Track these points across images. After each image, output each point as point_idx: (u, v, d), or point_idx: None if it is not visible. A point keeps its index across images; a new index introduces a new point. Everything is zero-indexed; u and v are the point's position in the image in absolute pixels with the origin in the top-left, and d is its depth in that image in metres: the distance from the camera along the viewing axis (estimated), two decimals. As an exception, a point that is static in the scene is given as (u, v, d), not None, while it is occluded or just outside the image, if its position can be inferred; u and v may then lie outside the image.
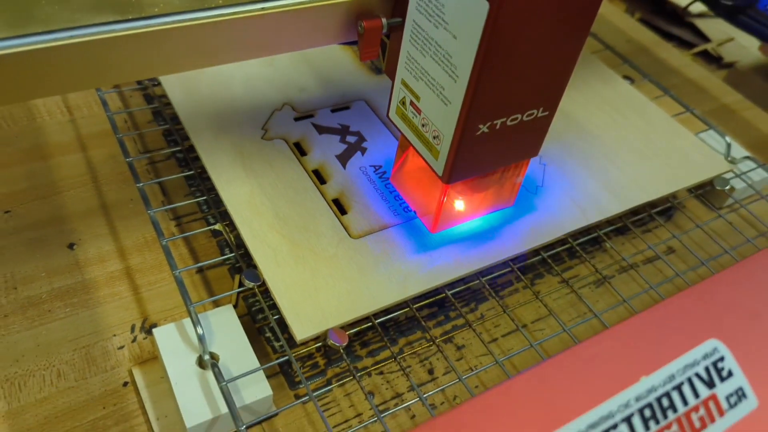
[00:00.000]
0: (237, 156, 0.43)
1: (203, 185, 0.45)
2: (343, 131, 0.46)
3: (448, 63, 0.31)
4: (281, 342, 0.38)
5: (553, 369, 0.22)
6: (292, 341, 0.36)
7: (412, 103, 0.36)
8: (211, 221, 0.45)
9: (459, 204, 0.40)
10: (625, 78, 0.57)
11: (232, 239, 0.41)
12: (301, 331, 0.34)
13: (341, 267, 0.38)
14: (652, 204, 0.47)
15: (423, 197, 0.41)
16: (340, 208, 0.42)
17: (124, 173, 0.47)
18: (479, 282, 0.41)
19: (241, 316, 0.39)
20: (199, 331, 0.35)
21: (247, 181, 0.42)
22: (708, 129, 0.55)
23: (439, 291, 0.40)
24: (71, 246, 0.42)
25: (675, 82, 0.66)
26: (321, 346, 0.39)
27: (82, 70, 0.32)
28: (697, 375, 0.22)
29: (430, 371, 0.39)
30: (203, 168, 0.43)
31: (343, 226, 0.40)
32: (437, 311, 0.42)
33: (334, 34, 0.36)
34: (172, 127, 0.48)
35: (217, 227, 0.42)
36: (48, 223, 0.43)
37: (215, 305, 0.39)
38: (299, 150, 0.45)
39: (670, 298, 0.25)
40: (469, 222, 0.42)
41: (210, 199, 0.43)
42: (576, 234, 0.44)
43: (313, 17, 0.35)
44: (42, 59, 0.30)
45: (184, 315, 0.40)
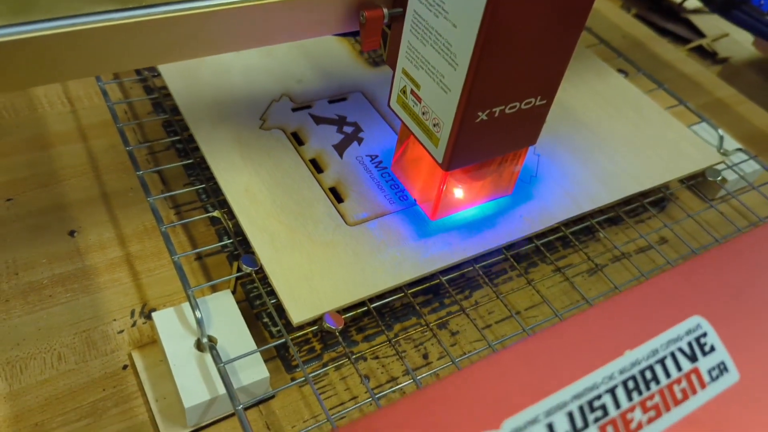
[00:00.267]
0: (235, 145, 0.44)
1: (202, 174, 0.46)
2: (340, 122, 0.47)
3: (448, 51, 0.32)
4: (278, 327, 0.39)
5: (540, 343, 0.22)
6: (289, 326, 0.37)
7: (412, 92, 0.36)
8: (210, 209, 0.45)
9: (458, 192, 0.41)
10: (620, 71, 0.58)
11: (230, 226, 0.42)
12: (298, 315, 0.35)
13: (337, 253, 0.38)
14: (644, 194, 0.48)
15: (423, 185, 0.41)
16: (336, 196, 0.42)
17: (124, 163, 0.48)
18: (474, 269, 0.42)
19: (239, 302, 0.39)
20: (198, 315, 0.35)
21: (246, 170, 0.42)
22: (701, 122, 0.55)
23: (435, 278, 0.41)
24: (72, 233, 0.43)
25: (669, 76, 0.67)
26: (317, 330, 0.39)
27: (82, 57, 0.33)
28: (680, 349, 0.23)
29: (424, 356, 0.40)
30: (202, 157, 0.44)
31: (340, 213, 0.41)
32: (432, 298, 0.43)
33: (336, 23, 0.37)
34: (171, 118, 0.49)
35: (216, 214, 0.42)
36: (49, 211, 0.44)
37: (213, 291, 0.40)
38: (297, 140, 0.46)
39: (655, 277, 0.25)
40: (466, 210, 0.42)
41: (209, 188, 0.44)
42: (569, 223, 0.45)
43: (316, 7, 0.36)
44: (44, 46, 0.31)
45: (183, 300, 0.40)
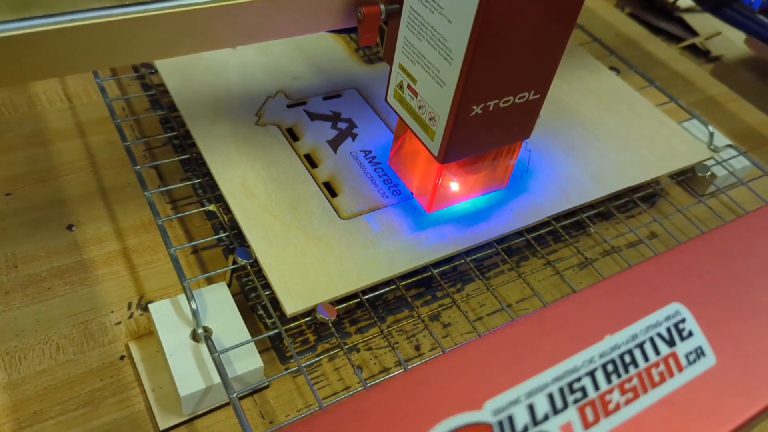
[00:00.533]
0: (231, 141, 0.45)
1: (198, 170, 0.46)
2: (335, 118, 0.48)
3: (443, 46, 0.33)
4: (273, 319, 0.39)
5: (523, 328, 0.23)
6: (283, 318, 0.37)
7: (409, 87, 0.37)
8: (206, 204, 0.46)
9: (454, 185, 0.42)
10: (612, 69, 0.59)
11: (225, 220, 0.43)
12: (291, 306, 0.36)
13: (331, 246, 0.39)
14: (635, 189, 0.49)
15: (420, 178, 0.42)
16: (330, 190, 0.43)
17: (122, 158, 0.48)
18: (465, 263, 0.43)
19: (235, 294, 0.40)
20: (193, 306, 0.36)
21: (241, 165, 0.43)
22: (691, 118, 0.56)
23: (427, 270, 0.41)
24: (70, 227, 0.44)
25: (662, 74, 0.68)
26: (311, 322, 0.40)
27: (80, 53, 0.34)
28: (659, 335, 0.24)
29: (416, 347, 0.41)
30: (199, 153, 0.44)
31: (333, 207, 0.42)
32: (425, 291, 0.44)
33: (333, 19, 0.38)
34: (168, 114, 0.49)
35: (211, 208, 0.43)
36: (48, 206, 0.45)
37: (209, 283, 0.41)
38: (292, 136, 0.46)
39: (637, 265, 0.26)
40: (462, 203, 0.43)
41: (205, 183, 0.45)
42: (560, 218, 0.45)
43: (314, 3, 0.36)
44: (42, 42, 0.32)
45: (179, 292, 0.41)
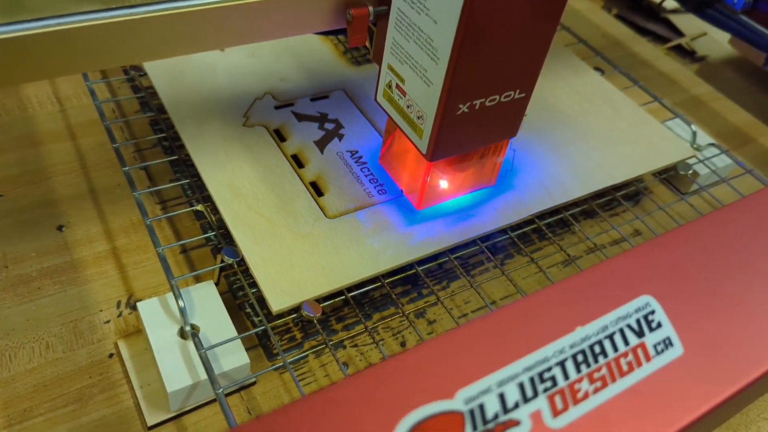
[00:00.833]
0: (219, 142, 0.45)
1: (187, 171, 0.47)
2: (322, 119, 0.49)
3: (429, 47, 0.34)
4: (260, 317, 0.40)
5: (496, 320, 0.24)
6: (270, 316, 0.38)
7: (397, 86, 0.38)
8: (195, 204, 0.46)
9: (443, 182, 0.42)
10: (596, 69, 0.59)
11: (213, 220, 0.43)
12: (277, 303, 0.36)
13: (316, 244, 0.40)
14: (618, 188, 0.50)
15: (409, 176, 0.43)
16: (317, 190, 0.44)
17: (111, 160, 0.49)
18: (450, 261, 0.43)
19: (223, 293, 0.41)
20: (181, 304, 0.37)
21: (229, 166, 0.44)
22: (675, 117, 0.57)
23: (412, 268, 0.42)
24: (60, 228, 0.44)
25: (648, 74, 0.69)
26: (298, 320, 0.41)
27: (69, 55, 0.34)
28: (629, 326, 0.25)
29: (402, 344, 0.41)
30: (187, 154, 0.45)
31: (320, 206, 0.42)
32: (411, 288, 0.44)
33: (323, 21, 0.39)
34: (158, 116, 0.50)
35: (199, 208, 0.44)
36: (38, 207, 0.45)
37: (197, 282, 0.41)
38: (279, 136, 0.47)
39: (609, 259, 0.27)
40: (450, 201, 0.44)
41: (193, 183, 0.45)
42: (545, 216, 0.46)
43: (304, 4, 0.37)
44: (31, 45, 0.32)
45: (167, 291, 0.41)
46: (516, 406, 0.22)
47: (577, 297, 0.25)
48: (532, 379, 0.22)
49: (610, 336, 0.24)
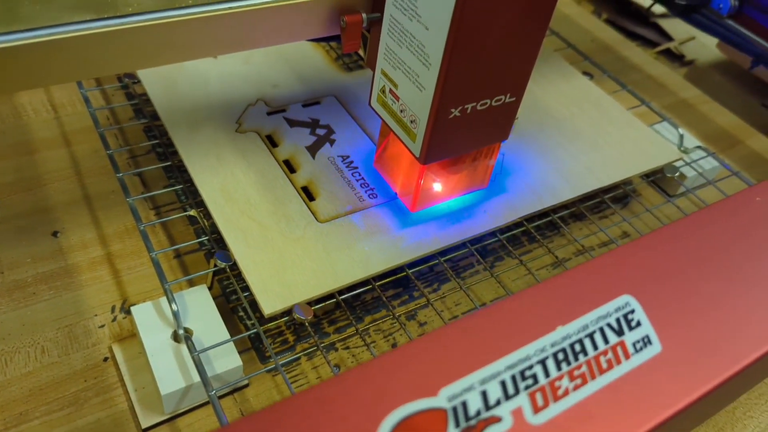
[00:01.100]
0: (212, 148, 0.46)
1: (180, 176, 0.48)
2: (313, 124, 0.49)
3: (421, 52, 0.34)
4: (253, 320, 0.41)
5: (479, 320, 0.24)
6: (262, 319, 0.39)
7: (391, 91, 0.39)
8: (188, 209, 0.47)
9: (436, 185, 0.43)
10: (585, 74, 0.60)
11: (206, 224, 0.44)
12: (269, 306, 0.37)
13: (308, 248, 0.40)
14: (607, 191, 0.50)
15: (403, 179, 0.44)
16: (308, 194, 0.44)
17: (106, 167, 0.50)
18: (441, 263, 0.44)
19: (216, 297, 0.41)
20: (174, 308, 0.37)
21: (221, 171, 0.44)
22: (662, 121, 0.58)
23: (403, 271, 0.43)
24: (55, 234, 0.45)
25: (637, 78, 0.69)
26: (290, 323, 0.41)
27: (63, 64, 0.35)
28: (609, 325, 0.25)
29: (393, 345, 0.42)
30: (181, 160, 0.45)
31: (311, 211, 0.43)
32: (402, 291, 0.45)
33: (317, 28, 0.39)
34: (151, 123, 0.51)
35: (192, 213, 0.44)
36: (33, 213, 0.46)
37: (191, 286, 0.42)
38: (271, 142, 0.48)
39: (591, 260, 0.27)
40: (437, 206, 0.44)
41: (186, 189, 0.46)
42: (534, 218, 0.47)
43: (299, 12, 0.38)
44: (26, 54, 0.33)
45: (161, 295, 0.42)
46: (498, 403, 0.22)
47: (559, 297, 0.26)
48: (513, 377, 0.23)
49: (590, 335, 0.25)
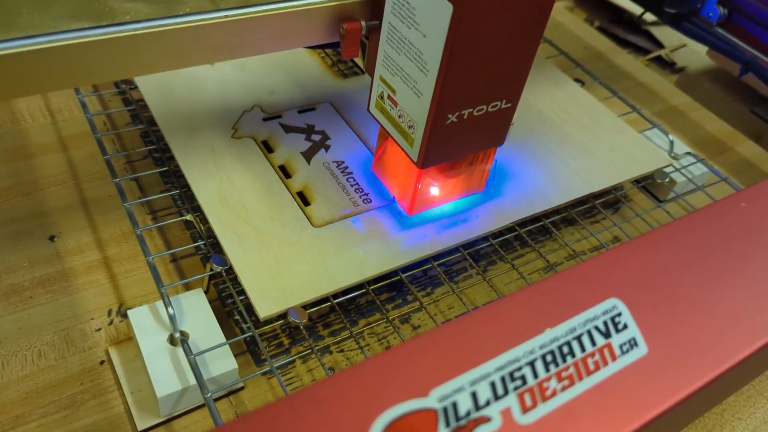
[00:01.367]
0: (208, 153, 0.46)
1: (177, 181, 0.48)
2: (309, 130, 0.50)
3: (419, 59, 0.35)
4: (248, 324, 0.41)
5: (471, 321, 0.25)
6: (258, 322, 0.39)
7: (389, 97, 0.39)
8: (185, 214, 0.48)
9: (433, 189, 0.44)
10: (576, 81, 0.61)
11: (202, 229, 0.44)
12: (264, 310, 0.38)
13: (303, 252, 0.41)
14: (598, 196, 0.51)
15: (401, 183, 0.44)
16: (303, 199, 0.45)
17: (103, 172, 0.50)
18: (434, 268, 0.45)
19: (212, 300, 0.42)
20: (170, 311, 0.38)
21: (217, 176, 0.45)
22: (653, 127, 0.59)
23: (397, 275, 0.43)
24: (52, 238, 0.45)
25: (628, 85, 0.70)
26: (285, 326, 0.42)
27: (61, 71, 0.35)
28: (596, 327, 0.26)
29: (387, 348, 0.42)
30: (177, 165, 0.46)
31: (306, 216, 0.43)
32: (396, 295, 0.45)
33: (317, 35, 0.40)
34: (148, 128, 0.51)
35: (188, 218, 0.45)
36: (30, 218, 0.46)
37: (187, 290, 0.42)
38: (267, 148, 0.48)
39: (580, 264, 0.28)
40: (431, 211, 0.45)
41: (183, 194, 0.47)
42: (526, 223, 0.47)
43: (299, 20, 0.39)
44: (24, 61, 0.34)
45: (158, 299, 0.42)
46: (487, 403, 0.23)
47: (548, 300, 0.26)
48: (503, 378, 0.23)
49: (578, 337, 0.25)
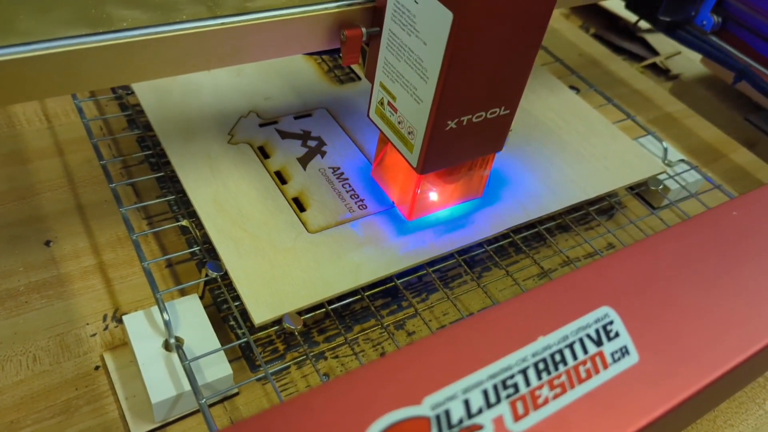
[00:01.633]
0: (204, 159, 0.47)
1: (173, 187, 0.48)
2: (305, 136, 0.50)
3: (419, 66, 0.36)
4: (243, 329, 0.41)
5: (464, 329, 0.25)
6: (253, 328, 0.39)
7: (389, 103, 0.40)
8: (181, 220, 0.48)
9: (432, 194, 0.44)
10: (571, 88, 0.61)
11: (198, 235, 0.44)
12: (259, 316, 0.38)
13: (298, 258, 0.41)
14: (592, 203, 0.51)
15: (400, 188, 0.45)
16: (299, 205, 0.45)
17: (99, 176, 0.50)
18: (429, 274, 0.45)
19: (207, 306, 0.42)
20: (165, 317, 0.38)
21: (213, 182, 0.45)
22: (647, 134, 0.59)
23: (391, 281, 0.43)
24: (48, 243, 0.45)
25: (622, 92, 0.71)
26: (280, 332, 0.42)
27: (58, 77, 0.35)
28: (588, 335, 0.26)
29: (381, 354, 0.43)
30: (174, 171, 0.46)
31: (302, 221, 0.44)
32: (390, 301, 0.46)
33: (318, 42, 0.40)
34: (145, 134, 0.51)
35: (184, 223, 0.45)
36: (26, 222, 0.46)
37: (183, 295, 0.42)
38: (263, 153, 0.48)
39: (572, 272, 0.28)
40: (427, 217, 0.45)
41: (179, 199, 0.47)
42: (521, 230, 0.48)
43: (300, 27, 0.39)
44: (21, 68, 0.34)
45: (153, 305, 0.42)
46: (480, 411, 0.23)
47: (541, 308, 0.27)
48: (495, 386, 0.24)
49: (570, 345, 0.25)
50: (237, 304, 0.41)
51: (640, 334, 0.26)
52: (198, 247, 0.44)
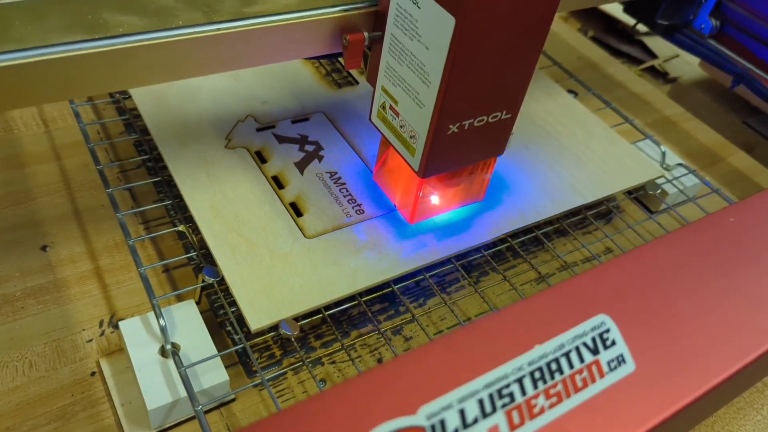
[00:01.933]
0: (201, 164, 0.46)
1: (170, 192, 0.48)
2: (302, 141, 0.50)
3: (421, 71, 0.36)
4: (240, 335, 0.41)
5: (460, 338, 0.25)
6: (250, 334, 0.39)
7: (391, 107, 0.40)
8: (178, 225, 0.48)
9: (434, 198, 0.44)
10: (570, 92, 0.61)
11: (195, 240, 0.44)
12: (256, 322, 0.38)
13: (295, 264, 0.41)
14: (590, 207, 0.51)
15: (402, 191, 0.45)
16: (296, 210, 0.45)
17: (96, 181, 0.50)
18: (426, 279, 0.45)
19: (204, 311, 0.42)
20: (162, 323, 0.38)
21: (210, 187, 0.45)
22: (645, 138, 0.59)
23: (388, 286, 0.43)
24: (44, 248, 0.45)
25: (621, 95, 0.71)
26: (277, 338, 0.42)
27: (54, 83, 0.35)
28: (584, 344, 0.26)
29: (379, 360, 0.43)
30: (171, 176, 0.46)
31: (299, 227, 0.44)
32: (388, 306, 0.46)
33: (320, 46, 0.40)
34: (142, 138, 0.51)
35: (181, 228, 0.45)
36: (22, 227, 0.46)
37: (179, 301, 0.42)
38: (260, 158, 0.48)
39: (569, 279, 0.28)
40: (426, 221, 0.45)
41: (176, 204, 0.47)
42: (519, 234, 0.48)
43: (303, 31, 0.39)
44: (18, 74, 0.34)
45: (149, 310, 0.42)
46: (475, 421, 0.23)
47: (537, 316, 0.26)
48: (491, 396, 0.24)
49: (566, 354, 0.25)
50: (234, 309, 0.41)
51: (636, 342, 0.26)
52: (195, 253, 0.44)
